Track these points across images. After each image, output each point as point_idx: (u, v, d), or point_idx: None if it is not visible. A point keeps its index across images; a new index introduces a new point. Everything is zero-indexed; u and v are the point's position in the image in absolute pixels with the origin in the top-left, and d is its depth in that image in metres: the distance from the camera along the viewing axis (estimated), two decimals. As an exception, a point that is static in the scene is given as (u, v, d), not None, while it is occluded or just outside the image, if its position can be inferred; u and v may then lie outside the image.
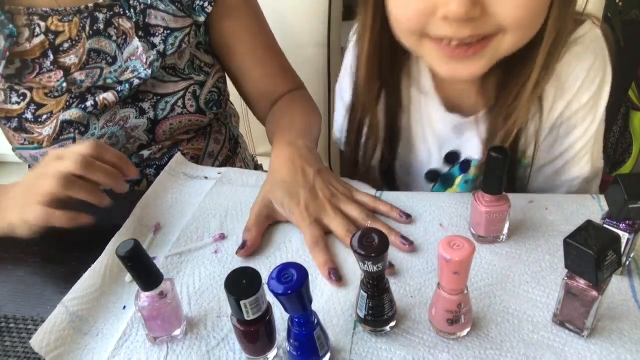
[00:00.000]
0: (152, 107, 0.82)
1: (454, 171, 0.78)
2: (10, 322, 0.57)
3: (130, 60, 0.79)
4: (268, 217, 0.65)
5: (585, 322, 0.48)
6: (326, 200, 0.64)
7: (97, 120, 0.79)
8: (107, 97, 0.77)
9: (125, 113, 0.80)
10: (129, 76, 0.79)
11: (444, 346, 0.50)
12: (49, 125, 0.77)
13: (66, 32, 0.75)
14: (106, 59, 0.78)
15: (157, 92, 0.82)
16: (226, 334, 0.53)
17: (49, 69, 0.75)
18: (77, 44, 0.76)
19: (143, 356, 0.51)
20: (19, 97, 0.76)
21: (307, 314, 0.45)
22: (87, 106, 0.77)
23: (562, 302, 0.49)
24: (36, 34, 0.74)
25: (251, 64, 0.89)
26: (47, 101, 0.77)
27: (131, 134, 0.82)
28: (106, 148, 0.65)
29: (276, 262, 0.61)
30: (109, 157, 0.64)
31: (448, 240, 0.45)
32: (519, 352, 0.49)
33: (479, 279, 0.57)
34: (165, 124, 0.83)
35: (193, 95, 0.84)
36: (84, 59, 0.77)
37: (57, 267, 0.64)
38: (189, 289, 0.58)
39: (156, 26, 0.80)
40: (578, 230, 0.44)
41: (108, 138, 0.80)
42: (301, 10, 1.15)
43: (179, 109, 0.83)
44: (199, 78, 0.85)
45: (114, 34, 0.78)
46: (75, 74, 0.77)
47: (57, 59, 0.75)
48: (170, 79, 0.82)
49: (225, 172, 0.77)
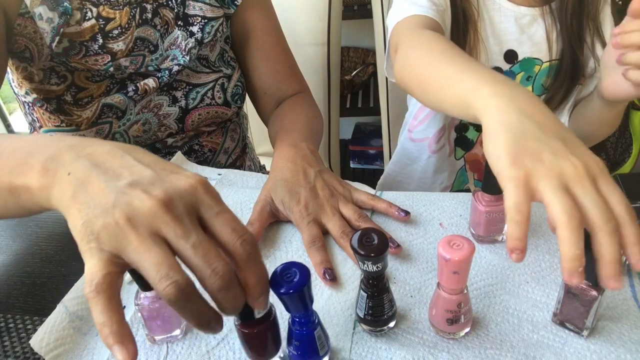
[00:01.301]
0: (185, 96, 0.85)
1: (514, 69, 0.88)
2: (10, 322, 0.57)
3: (171, 49, 0.83)
4: (270, 214, 0.65)
5: (585, 321, 0.48)
6: (325, 201, 0.64)
7: (134, 106, 0.82)
8: (149, 82, 0.81)
9: (159, 100, 0.84)
10: (169, 64, 0.83)
11: (444, 346, 0.50)
12: (90, 109, 0.78)
13: (117, 19, 0.77)
14: (149, 47, 0.81)
15: (190, 82, 0.85)
16: (226, 334, 0.53)
17: (96, 52, 0.76)
18: (126, 31, 0.78)
19: (143, 356, 0.51)
20: (59, 78, 0.77)
21: (309, 314, 0.45)
22: (128, 91, 0.79)
23: (562, 302, 0.49)
24: (87, 17, 0.75)
25: (261, 58, 0.91)
26: (89, 85, 0.78)
27: (163, 122, 0.85)
28: (258, 253, 0.39)
29: (276, 262, 0.61)
30: (251, 269, 0.39)
31: (448, 240, 0.45)
32: (519, 352, 0.49)
33: (479, 279, 0.57)
34: (194, 114, 0.87)
35: (221, 87, 0.88)
36: (130, 46, 0.79)
37: (57, 267, 0.64)
38: (189, 289, 0.58)
39: (194, 16, 0.83)
40: None
41: (142, 124, 0.83)
42: (301, 10, 1.16)
43: (208, 99, 0.87)
44: (227, 71, 0.89)
45: (158, 23, 0.81)
46: (121, 60, 0.78)
47: (105, 44, 0.77)
48: (202, 69, 0.86)
49: (226, 174, 0.77)
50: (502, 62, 0.87)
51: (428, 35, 0.68)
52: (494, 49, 0.86)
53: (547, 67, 0.87)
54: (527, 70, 0.87)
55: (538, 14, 0.84)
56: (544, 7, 0.84)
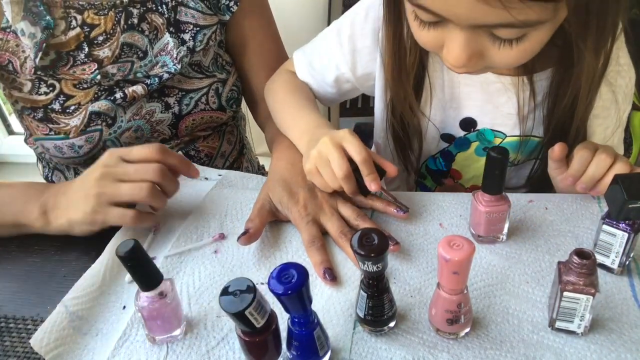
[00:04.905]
0: (178, 102, 0.84)
1: (469, 137, 0.77)
2: (10, 322, 0.57)
3: (160, 55, 0.82)
4: (269, 213, 0.65)
5: None
6: (324, 201, 0.64)
7: (124, 113, 0.80)
8: (137, 89, 0.79)
9: (151, 107, 0.83)
10: (158, 71, 0.81)
11: (444, 346, 0.50)
12: (77, 117, 0.78)
13: (102, 25, 0.76)
14: (137, 54, 0.80)
15: (182, 88, 0.84)
16: (226, 334, 0.53)
17: (83, 61, 0.76)
18: (111, 37, 0.77)
19: (143, 356, 0.51)
20: (48, 87, 0.77)
21: (307, 314, 0.45)
22: (116, 98, 0.78)
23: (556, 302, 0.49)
24: (72, 26, 0.75)
25: (258, 65, 0.91)
26: (76, 92, 0.78)
27: (156, 128, 0.84)
28: (169, 153, 0.65)
29: (276, 263, 0.61)
30: (172, 160, 0.65)
31: (448, 240, 0.45)
32: (519, 352, 0.49)
33: (479, 279, 0.57)
34: (188, 120, 0.86)
35: (216, 92, 0.87)
36: (117, 53, 0.78)
37: (57, 267, 0.64)
38: (189, 289, 0.58)
39: (186, 23, 0.82)
40: None
41: (134, 131, 0.82)
42: (301, 10, 1.16)
43: (202, 105, 0.86)
44: (222, 76, 0.87)
45: (146, 29, 0.80)
46: (108, 67, 0.78)
47: (91, 52, 0.76)
48: (195, 75, 0.85)
49: (226, 175, 0.77)
50: (457, 128, 0.76)
51: (289, 85, 0.81)
52: (450, 113, 0.75)
53: (515, 141, 0.74)
54: (485, 140, 0.76)
55: (510, 83, 0.70)
56: (521, 77, 0.69)
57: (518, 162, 0.78)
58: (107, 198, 0.61)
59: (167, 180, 0.64)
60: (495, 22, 0.50)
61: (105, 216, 0.61)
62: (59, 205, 0.64)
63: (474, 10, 0.48)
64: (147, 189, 0.61)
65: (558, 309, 0.49)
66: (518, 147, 0.75)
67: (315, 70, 0.81)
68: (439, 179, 0.85)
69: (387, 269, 0.47)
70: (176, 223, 0.68)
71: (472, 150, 0.78)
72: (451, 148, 0.79)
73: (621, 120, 0.72)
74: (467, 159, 0.79)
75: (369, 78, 0.78)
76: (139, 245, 0.47)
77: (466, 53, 0.54)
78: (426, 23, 0.56)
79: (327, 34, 0.79)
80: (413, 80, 0.72)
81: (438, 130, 0.78)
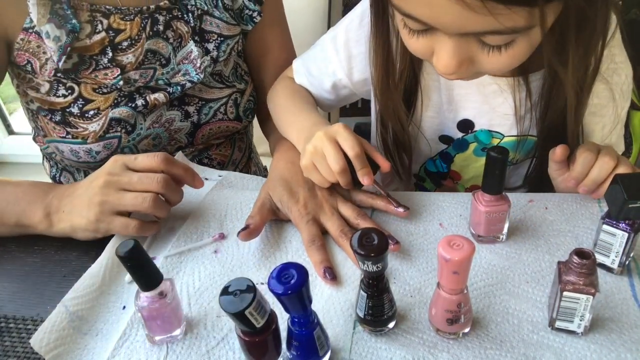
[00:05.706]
0: (197, 111, 0.84)
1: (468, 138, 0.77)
2: (10, 322, 0.57)
3: (183, 63, 0.81)
4: (270, 211, 0.65)
5: None
6: (324, 200, 0.64)
7: (144, 120, 0.80)
8: (159, 97, 0.79)
9: (171, 115, 0.82)
10: (180, 79, 0.81)
11: (444, 346, 0.50)
12: (97, 122, 0.77)
13: (127, 30, 0.76)
14: (160, 61, 0.79)
15: (202, 97, 0.84)
16: (226, 334, 0.53)
17: (105, 65, 0.75)
18: (136, 43, 0.77)
19: (143, 356, 0.51)
20: (67, 90, 0.76)
21: (307, 314, 0.45)
22: (137, 105, 0.78)
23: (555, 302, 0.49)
24: (97, 30, 0.74)
25: (274, 75, 0.90)
26: (96, 97, 0.77)
27: (174, 136, 0.84)
28: (174, 163, 0.65)
29: (276, 262, 0.61)
30: (176, 171, 0.64)
31: (448, 240, 0.45)
32: (519, 352, 0.49)
33: (479, 279, 0.57)
34: (205, 129, 0.86)
35: (234, 102, 0.87)
36: (140, 59, 0.77)
37: (57, 267, 0.64)
38: (189, 289, 0.58)
39: (211, 32, 0.82)
40: None
41: (152, 139, 0.82)
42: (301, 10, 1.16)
43: (221, 115, 0.86)
44: (241, 86, 0.88)
45: (171, 36, 0.79)
46: (130, 72, 0.77)
47: (115, 57, 0.76)
48: (216, 85, 0.85)
49: (226, 176, 0.77)
50: (455, 130, 0.77)
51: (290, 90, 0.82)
52: (447, 115, 0.76)
53: (513, 141, 0.74)
54: (482, 142, 0.76)
55: (506, 85, 0.70)
56: (517, 78, 0.69)
57: (517, 161, 0.78)
58: (110, 207, 0.61)
59: (170, 191, 0.63)
60: (483, 30, 0.50)
61: (108, 225, 0.61)
62: (63, 208, 0.64)
63: (461, 18, 0.48)
64: (151, 199, 0.61)
65: (558, 309, 0.49)
66: (516, 147, 0.75)
67: (313, 77, 0.81)
68: (438, 181, 0.85)
69: (387, 269, 0.47)
70: (176, 223, 0.68)
71: (470, 151, 0.78)
72: (450, 150, 0.79)
73: (620, 117, 0.72)
74: (466, 159, 0.79)
75: (365, 83, 0.78)
76: (139, 245, 0.47)
77: (455, 60, 0.54)
78: (415, 31, 0.56)
79: (324, 41, 0.79)
80: (404, 88, 0.72)
81: (435, 132, 0.78)
